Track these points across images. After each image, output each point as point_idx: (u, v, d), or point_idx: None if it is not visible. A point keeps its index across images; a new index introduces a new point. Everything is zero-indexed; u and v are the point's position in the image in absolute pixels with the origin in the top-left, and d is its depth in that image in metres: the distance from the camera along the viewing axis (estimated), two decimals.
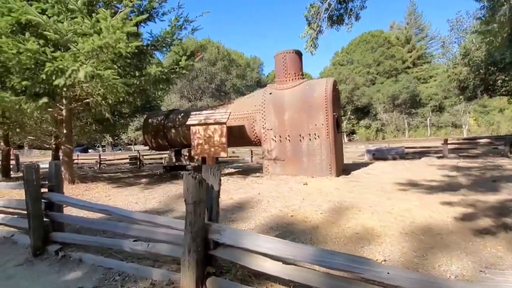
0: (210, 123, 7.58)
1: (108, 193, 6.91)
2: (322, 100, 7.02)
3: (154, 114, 10.13)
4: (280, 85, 7.80)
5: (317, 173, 7.15)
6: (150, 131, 9.73)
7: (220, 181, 2.76)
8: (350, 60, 53.06)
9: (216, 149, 7.59)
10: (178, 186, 7.10)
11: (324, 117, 7.03)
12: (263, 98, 7.81)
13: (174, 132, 9.30)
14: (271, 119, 7.66)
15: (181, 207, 5.29)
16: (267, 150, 7.73)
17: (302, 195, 5.58)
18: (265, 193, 5.92)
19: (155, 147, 9.95)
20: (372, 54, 50.16)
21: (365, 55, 50.56)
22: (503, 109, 40.95)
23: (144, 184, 7.88)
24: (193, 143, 7.92)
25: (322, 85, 7.17)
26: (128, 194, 6.64)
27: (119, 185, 8.01)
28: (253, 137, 8.14)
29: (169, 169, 9.26)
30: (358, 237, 3.56)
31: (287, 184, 6.62)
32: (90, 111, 8.23)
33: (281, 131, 7.53)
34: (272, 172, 7.68)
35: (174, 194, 6.34)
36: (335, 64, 54.70)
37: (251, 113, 8.01)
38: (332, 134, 6.98)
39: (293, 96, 7.42)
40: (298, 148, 7.34)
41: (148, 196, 6.32)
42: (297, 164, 7.37)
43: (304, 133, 7.26)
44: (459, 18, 40.32)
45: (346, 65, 52.16)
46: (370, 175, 7.44)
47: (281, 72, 7.83)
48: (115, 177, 9.79)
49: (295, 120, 7.36)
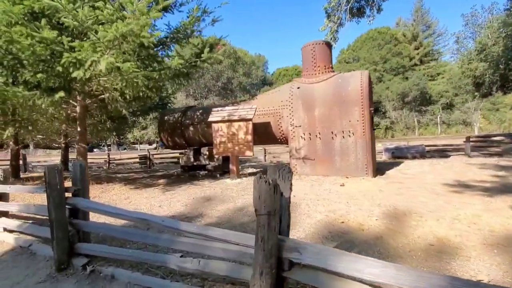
0: (234, 119, 7.07)
1: (127, 195, 6.45)
2: (358, 94, 6.47)
3: (170, 111, 9.66)
4: (309, 79, 7.26)
5: (351, 173, 6.61)
6: (166, 129, 9.25)
7: (291, 186, 2.24)
8: (356, 58, 52.37)
9: (240, 147, 7.08)
10: (202, 188, 6.61)
11: (360, 113, 6.48)
12: (291, 93, 7.27)
13: (192, 130, 8.81)
14: (300, 116, 7.13)
15: (212, 211, 4.80)
16: (295, 149, 7.20)
17: (344, 197, 5.05)
18: (301, 195, 5.40)
19: (171, 145, 9.47)
20: (379, 51, 49.38)
21: (371, 53, 49.80)
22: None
23: (163, 185, 7.40)
24: (215, 142, 7.42)
25: (357, 78, 6.62)
26: (149, 197, 6.17)
27: (136, 186, 7.54)
28: (279, 134, 7.62)
29: (187, 169, 8.78)
30: (436, 250, 3.03)
31: (321, 185, 6.09)
32: (106, 108, 7.76)
33: (311, 128, 6.99)
34: (301, 172, 7.16)
35: (199, 196, 5.85)
36: (341, 61, 54.16)
37: (277, 109, 7.48)
38: (368, 131, 6.43)
39: (324, 91, 6.88)
40: (330, 146, 6.80)
41: (171, 198, 5.84)
42: (328, 163, 6.84)
43: (337, 130, 6.71)
44: (474, 13, 39.23)
45: (353, 63, 51.54)
46: (408, 175, 6.87)
47: (309, 64, 7.29)
48: (130, 178, 9.34)
49: (326, 116, 6.82)
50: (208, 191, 6.32)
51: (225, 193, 6.03)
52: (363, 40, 52.59)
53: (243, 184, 6.80)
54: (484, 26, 42.27)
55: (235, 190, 6.18)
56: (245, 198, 5.51)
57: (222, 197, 5.68)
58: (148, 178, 8.95)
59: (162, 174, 9.78)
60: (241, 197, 5.57)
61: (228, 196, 5.75)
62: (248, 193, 5.89)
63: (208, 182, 7.41)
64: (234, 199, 5.48)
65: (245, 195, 5.74)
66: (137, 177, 9.41)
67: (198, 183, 7.32)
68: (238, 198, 5.58)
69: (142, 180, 8.55)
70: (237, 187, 6.52)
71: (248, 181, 7.08)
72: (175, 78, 7.30)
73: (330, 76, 7.03)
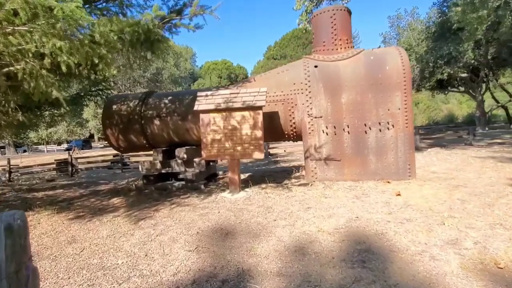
0: (235, 108, 5.00)
1: (68, 235, 3.84)
2: (399, 75, 5.14)
3: (120, 98, 6.86)
4: (328, 55, 5.65)
5: (390, 176, 5.27)
6: (116, 123, 6.50)
7: None
8: (283, 55, 54.32)
9: (245, 147, 5.06)
10: (196, 211, 4.43)
11: (402, 99, 5.17)
12: (306, 73, 5.55)
13: (158, 125, 6.31)
14: (321, 103, 5.47)
15: (253, 260, 2.77)
16: (314, 147, 5.52)
17: (432, 217, 3.60)
18: (365, 216, 3.79)
19: (124, 147, 6.74)
20: (304, 50, 52.22)
21: (297, 51, 52.58)
22: (417, 103, 46.49)
23: (126, 209, 4.88)
24: (205, 140, 5.22)
25: (395, 55, 5.29)
26: (113, 235, 3.72)
27: (78, 213, 4.82)
28: (290, 128, 5.83)
29: (154, 179, 6.26)
30: None
31: (367, 197, 4.57)
32: (17, 89, 4.74)
33: (336, 120, 5.41)
34: (322, 177, 5.53)
35: (205, 228, 3.72)
36: (269, 58, 56.12)
37: (289, 94, 5.66)
38: (411, 122, 5.17)
39: (353, 71, 5.36)
40: (362, 142, 5.34)
41: (158, 236, 3.55)
42: (360, 164, 5.37)
43: (372, 122, 5.28)
44: (399, 15, 43.79)
45: (280, 60, 53.49)
46: (443, 174, 5.89)
47: (327, 37, 5.68)
48: (60, 198, 6.30)
49: (358, 103, 5.32)
50: (211, 216, 4.18)
51: (243, 218, 4.01)
52: (289, 38, 55.13)
53: (256, 200, 4.83)
54: (406, 28, 47.78)
55: (255, 212, 4.19)
56: (283, 224, 3.62)
57: (245, 227, 3.66)
58: (91, 197, 6.11)
59: (110, 188, 6.94)
60: (275, 224, 3.67)
61: (252, 223, 3.77)
62: (281, 215, 3.99)
63: (196, 199, 5.17)
64: (268, 229, 3.55)
65: (278, 220, 3.84)
66: (72, 196, 6.42)
67: (182, 202, 5.02)
68: (273, 226, 3.65)
69: (83, 201, 5.72)
70: (251, 205, 4.53)
71: (258, 195, 5.12)
72: (142, 43, 4.84)
73: (357, 52, 5.54)
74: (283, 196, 4.94)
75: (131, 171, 14.98)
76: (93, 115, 46.51)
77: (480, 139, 16.86)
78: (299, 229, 3.52)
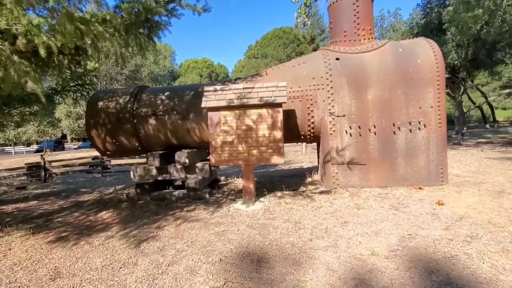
0: (251, 105, 4.30)
1: (49, 267, 3.01)
2: (433, 69, 4.65)
3: (107, 93, 5.94)
4: (350, 46, 5.07)
5: (421, 182, 4.78)
6: (103, 123, 5.59)
7: None
8: (264, 54, 54.35)
9: (262, 151, 4.38)
10: (210, 228, 3.71)
11: (435, 96, 4.68)
12: (327, 66, 4.94)
13: (154, 124, 5.48)
14: (344, 100, 4.88)
15: None
16: (336, 149, 4.93)
17: (499, 232, 3.12)
18: (418, 232, 3.24)
19: (112, 150, 5.83)
20: (284, 49, 52.48)
21: (278, 50, 52.88)
22: None
23: (118, 226, 4.05)
24: (214, 142, 4.48)
25: (426, 47, 4.80)
26: (110, 266, 2.92)
27: (59, 234, 3.95)
28: (307, 128, 5.20)
29: (149, 188, 5.42)
30: None
31: (407, 207, 4.04)
32: None
33: (361, 119, 4.85)
34: (344, 183, 4.94)
35: (227, 252, 3.02)
36: (250, 57, 56.09)
37: (307, 90, 5.03)
38: (445, 122, 4.70)
39: (380, 64, 4.82)
40: (390, 144, 4.81)
41: (171, 266, 2.83)
42: (388, 169, 4.84)
43: (401, 121, 4.76)
44: (383, 16, 44.73)
45: (261, 59, 53.49)
46: (475, 178, 5.48)
47: (349, 26, 5.10)
48: (35, 214, 5.31)
49: (385, 101, 4.78)
50: (230, 235, 3.47)
51: (271, 237, 3.34)
52: (270, 37, 55.33)
53: (278, 213, 4.16)
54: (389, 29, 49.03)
55: (283, 229, 3.52)
56: (324, 245, 2.97)
57: (277, 250, 3.00)
58: (74, 211, 5.18)
59: (96, 199, 6.00)
60: (313, 245, 3.02)
61: (285, 245, 3.11)
62: (316, 232, 3.35)
63: (205, 212, 4.42)
64: (308, 253, 2.93)
65: (314, 239, 3.21)
66: (50, 209, 5.45)
67: (189, 217, 4.26)
68: (311, 248, 3.01)
69: (65, 217, 4.80)
70: (275, 220, 3.86)
71: (278, 206, 4.45)
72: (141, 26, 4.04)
73: (382, 43, 5.01)
74: (307, 207, 4.30)
75: (113, 175, 13.83)
76: (66, 114, 43.91)
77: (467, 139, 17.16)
78: (347, 252, 2.89)
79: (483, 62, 23.16)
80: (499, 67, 26.46)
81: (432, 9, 25.12)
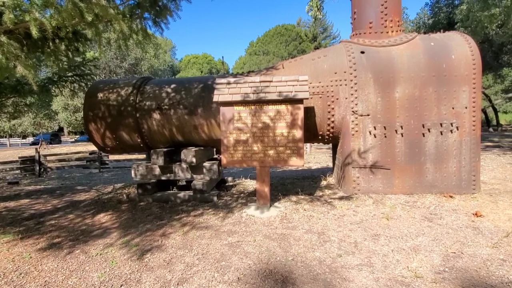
0: (268, 100, 3.89)
1: (44, 282, 2.63)
2: (468, 66, 4.26)
3: (107, 83, 5.50)
4: (377, 39, 4.67)
5: (450, 189, 4.40)
6: (102, 116, 5.16)
7: None
8: (265, 51, 53.91)
9: (280, 151, 3.98)
10: (222, 237, 3.31)
11: (470, 96, 4.29)
12: (351, 59, 4.53)
13: (158, 120, 5.07)
14: (369, 98, 4.48)
15: None
16: (358, 152, 4.53)
17: None
18: (463, 250, 2.89)
19: (112, 146, 5.41)
20: (286, 47, 52.11)
21: (280, 48, 52.56)
22: None
23: (120, 234, 3.64)
24: (226, 141, 4.07)
25: (461, 41, 4.40)
26: (109, 282, 2.54)
27: (51, 240, 3.54)
28: (326, 128, 4.80)
29: (152, 188, 5.01)
30: None
31: (441, 219, 3.66)
32: None
33: (387, 119, 4.45)
34: (366, 188, 4.55)
35: (245, 269, 2.63)
36: (251, 54, 55.84)
37: (328, 86, 4.62)
38: (479, 125, 4.31)
39: (410, 59, 4.42)
40: (418, 147, 4.42)
41: (178, 286, 2.41)
42: (414, 174, 4.46)
43: (431, 122, 4.37)
44: None
45: (262, 56, 53.03)
46: (505, 185, 5.10)
47: (376, 17, 4.70)
48: (25, 215, 4.90)
49: (415, 99, 4.39)
50: (246, 247, 3.08)
51: (293, 251, 2.95)
52: (272, 34, 54.99)
53: (296, 221, 3.76)
54: None
55: (306, 242, 3.13)
56: (356, 263, 2.57)
57: (304, 269, 2.61)
58: (69, 212, 4.76)
59: (93, 199, 5.58)
60: (344, 262, 2.61)
61: (311, 261, 2.72)
62: (344, 246, 2.95)
63: (214, 217, 4.02)
64: (339, 273, 2.55)
65: (344, 255, 2.82)
66: (42, 209, 5.03)
67: (197, 223, 3.86)
68: (342, 267, 2.62)
69: (58, 219, 4.38)
70: (295, 230, 3.47)
71: (296, 213, 4.06)
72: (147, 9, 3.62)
73: (412, 36, 4.60)
74: (328, 215, 3.91)
75: (111, 171, 13.42)
76: (63, 107, 43.29)
77: None
78: (385, 273, 2.50)
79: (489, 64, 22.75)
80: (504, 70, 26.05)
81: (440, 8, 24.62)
